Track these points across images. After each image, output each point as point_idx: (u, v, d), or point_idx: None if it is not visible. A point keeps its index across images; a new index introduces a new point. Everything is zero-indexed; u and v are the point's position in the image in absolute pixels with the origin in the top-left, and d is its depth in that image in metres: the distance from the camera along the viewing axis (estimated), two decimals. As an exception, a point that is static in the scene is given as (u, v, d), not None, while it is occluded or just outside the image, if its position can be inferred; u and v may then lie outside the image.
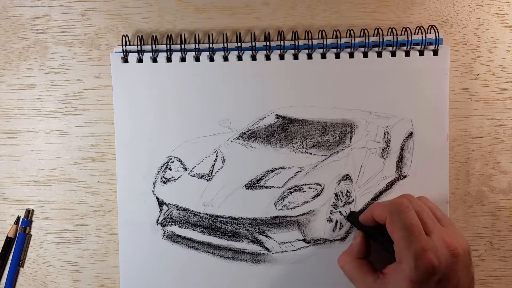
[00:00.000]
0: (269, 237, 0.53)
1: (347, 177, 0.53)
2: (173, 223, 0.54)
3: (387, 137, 0.54)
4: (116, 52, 0.54)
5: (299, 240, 0.53)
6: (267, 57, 0.53)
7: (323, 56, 0.53)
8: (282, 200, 0.53)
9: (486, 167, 0.55)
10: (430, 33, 0.53)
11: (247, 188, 0.53)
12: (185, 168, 0.54)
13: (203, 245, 0.54)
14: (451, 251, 0.42)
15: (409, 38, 0.53)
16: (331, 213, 0.53)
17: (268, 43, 0.53)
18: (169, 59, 0.54)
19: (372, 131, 0.54)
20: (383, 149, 0.54)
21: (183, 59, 0.54)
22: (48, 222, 0.55)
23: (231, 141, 0.54)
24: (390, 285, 0.44)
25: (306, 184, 0.53)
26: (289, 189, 0.53)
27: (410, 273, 0.42)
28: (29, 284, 0.56)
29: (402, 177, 0.54)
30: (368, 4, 0.55)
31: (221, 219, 0.53)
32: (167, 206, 0.54)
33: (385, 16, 0.55)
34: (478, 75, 0.55)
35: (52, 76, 0.55)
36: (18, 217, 0.55)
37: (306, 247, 0.53)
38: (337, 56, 0.53)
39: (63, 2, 0.55)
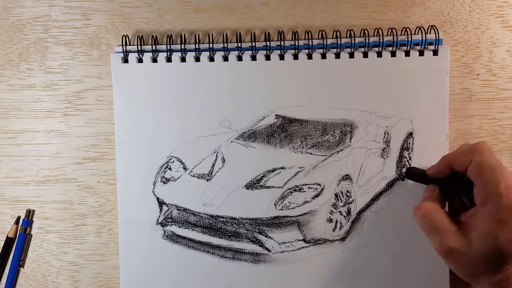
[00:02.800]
0: (269, 237, 0.53)
1: (347, 177, 0.53)
2: (173, 223, 0.54)
3: (387, 137, 0.54)
4: (116, 52, 0.54)
5: (299, 240, 0.53)
6: (267, 57, 0.53)
7: (323, 56, 0.53)
8: (282, 200, 0.53)
9: (486, 167, 0.55)
10: (430, 33, 0.53)
11: (247, 188, 0.53)
12: (185, 168, 0.54)
13: (203, 245, 0.54)
14: None
15: (409, 38, 0.53)
16: (331, 213, 0.53)
17: (268, 43, 0.53)
18: (169, 59, 0.54)
19: (372, 131, 0.54)
20: (383, 149, 0.54)
21: (183, 59, 0.54)
22: (48, 222, 0.55)
23: (231, 141, 0.54)
24: (473, 230, 0.42)
25: (306, 184, 0.53)
26: (289, 189, 0.53)
27: (497, 213, 0.41)
28: (29, 284, 0.56)
29: (402, 177, 0.54)
30: (368, 4, 0.55)
31: (221, 219, 0.53)
32: (167, 206, 0.54)
33: (385, 16, 0.55)
34: (478, 75, 0.55)
35: (52, 76, 0.55)
36: (18, 217, 0.55)
37: (306, 247, 0.53)
38: (337, 56, 0.53)
39: (63, 2, 0.55)
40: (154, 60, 0.54)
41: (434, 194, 0.48)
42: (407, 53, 0.53)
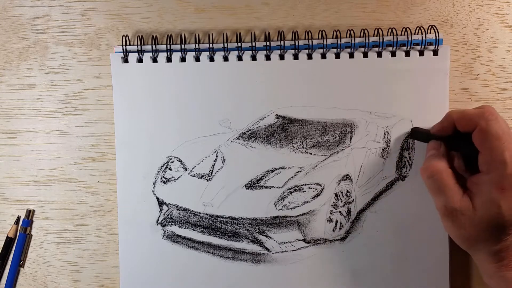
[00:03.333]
0: (269, 237, 0.53)
1: (347, 177, 0.53)
2: (173, 223, 0.54)
3: (387, 137, 0.54)
4: (116, 52, 0.54)
5: (299, 240, 0.53)
6: (267, 57, 0.53)
7: (323, 56, 0.53)
8: (282, 200, 0.53)
9: (486, 167, 0.55)
10: (430, 33, 0.53)
11: (247, 188, 0.53)
12: (185, 168, 0.54)
13: (203, 245, 0.54)
14: None
15: (409, 38, 0.53)
16: (331, 213, 0.53)
17: (268, 43, 0.53)
18: (169, 59, 0.54)
19: (372, 131, 0.54)
20: (383, 149, 0.54)
21: (183, 59, 0.54)
22: (48, 222, 0.55)
23: (231, 141, 0.54)
24: (477, 196, 0.42)
25: (306, 184, 0.53)
26: (289, 189, 0.53)
27: (501, 181, 0.41)
28: (29, 284, 0.56)
29: (402, 177, 0.54)
30: (368, 4, 0.55)
31: (221, 219, 0.53)
32: (167, 206, 0.54)
33: (385, 16, 0.55)
34: (478, 75, 0.55)
35: (52, 76, 0.55)
36: (18, 217, 0.55)
37: (306, 247, 0.53)
38: (337, 56, 0.53)
39: (63, 2, 0.55)
40: (154, 60, 0.54)
41: (440, 152, 0.47)
42: (407, 53, 0.53)
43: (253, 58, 0.53)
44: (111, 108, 0.54)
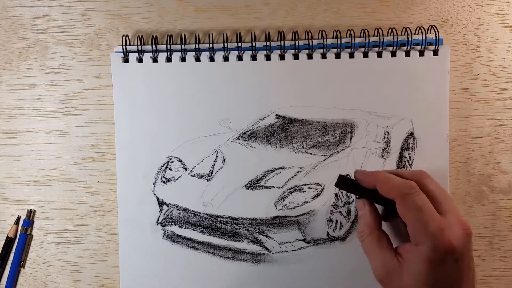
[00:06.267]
0: (269, 237, 0.53)
1: (347, 177, 0.53)
2: (173, 223, 0.54)
3: (387, 137, 0.54)
4: (116, 52, 0.54)
5: (299, 240, 0.53)
6: (267, 57, 0.53)
7: (323, 56, 0.53)
8: (282, 200, 0.53)
9: (486, 167, 0.55)
10: (430, 33, 0.53)
11: (247, 188, 0.53)
12: (185, 168, 0.54)
13: (203, 245, 0.54)
14: (465, 230, 0.41)
15: (409, 38, 0.53)
16: (331, 213, 0.53)
17: (268, 43, 0.53)
18: (169, 59, 0.54)
19: (372, 131, 0.54)
20: (383, 149, 0.54)
21: (183, 59, 0.54)
22: (48, 222, 0.55)
23: (231, 141, 0.54)
24: (406, 265, 0.42)
25: (306, 184, 0.53)
26: (289, 189, 0.53)
27: (428, 254, 0.40)
28: (29, 284, 0.56)
29: (402, 177, 0.54)
30: (368, 4, 0.55)
31: (221, 219, 0.53)
32: (167, 206, 0.54)
33: (385, 16, 0.55)
34: (478, 75, 0.55)
35: (52, 76, 0.55)
36: (18, 217, 0.55)
37: (306, 247, 0.53)
38: (337, 56, 0.53)
39: (63, 2, 0.55)
40: (154, 60, 0.54)
41: (366, 212, 0.46)
42: (407, 53, 0.53)
43: (253, 58, 0.53)
44: (111, 108, 0.54)
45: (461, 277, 0.41)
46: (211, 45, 0.53)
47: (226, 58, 0.53)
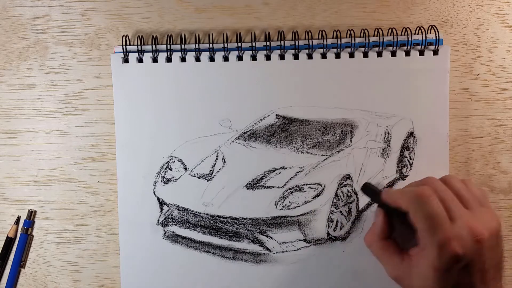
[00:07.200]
0: (270, 237, 0.53)
1: (347, 177, 0.53)
2: (173, 223, 0.54)
3: (388, 137, 0.54)
4: (116, 52, 0.54)
5: (299, 240, 0.53)
6: (268, 57, 0.53)
7: (323, 56, 0.53)
8: (282, 200, 0.53)
9: (486, 167, 0.55)
10: (430, 33, 0.53)
11: (247, 188, 0.53)
12: (185, 168, 0.54)
13: (203, 245, 0.54)
14: (475, 237, 0.42)
15: (409, 38, 0.53)
16: (331, 213, 0.53)
17: (268, 43, 0.53)
18: (169, 59, 0.54)
19: (373, 131, 0.54)
20: (383, 149, 0.54)
21: (183, 59, 0.54)
22: (48, 222, 0.55)
23: (232, 141, 0.54)
24: (415, 268, 0.43)
25: (306, 184, 0.53)
26: (289, 189, 0.53)
27: (434, 261, 0.41)
28: (29, 284, 0.55)
29: (402, 177, 0.54)
30: (368, 4, 0.55)
31: (221, 219, 0.53)
32: (167, 206, 0.54)
33: (385, 16, 0.55)
34: (478, 75, 0.55)
35: (52, 76, 0.55)
36: (18, 217, 0.55)
37: (306, 247, 0.53)
38: (337, 56, 0.53)
39: (63, 2, 0.55)
40: (154, 60, 0.54)
41: (378, 222, 0.48)
42: (407, 53, 0.53)
43: (253, 58, 0.53)
44: (111, 108, 0.54)
45: (473, 280, 0.42)
46: (211, 45, 0.53)
47: (226, 58, 0.53)
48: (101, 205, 0.55)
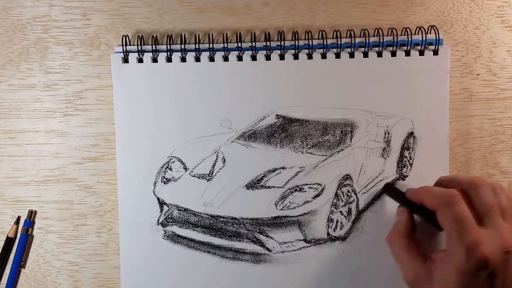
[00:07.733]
0: (270, 237, 0.53)
1: (347, 177, 0.53)
2: (173, 223, 0.54)
3: (388, 137, 0.54)
4: (116, 52, 0.54)
5: (299, 240, 0.53)
6: (268, 57, 0.53)
7: (323, 56, 0.53)
8: (282, 200, 0.53)
9: (486, 167, 0.55)
10: (430, 33, 0.53)
11: (247, 188, 0.53)
12: (185, 168, 0.54)
13: (203, 245, 0.54)
14: (504, 248, 0.40)
15: (409, 38, 0.53)
16: (331, 213, 0.53)
17: (268, 43, 0.53)
18: (169, 59, 0.54)
19: (373, 131, 0.54)
20: (383, 149, 0.54)
21: (183, 59, 0.54)
22: (48, 222, 0.55)
23: (232, 141, 0.54)
24: (437, 272, 0.43)
25: (306, 184, 0.53)
26: (289, 189, 0.53)
27: (460, 264, 0.40)
28: (29, 284, 0.55)
29: (402, 177, 0.54)
30: (368, 4, 0.55)
31: (221, 219, 0.53)
32: (167, 206, 0.54)
33: (385, 16, 0.55)
34: (478, 75, 0.55)
35: (52, 76, 0.55)
36: (19, 217, 0.55)
37: (307, 247, 0.53)
38: (337, 56, 0.53)
39: (63, 2, 0.55)
40: (154, 60, 0.54)
41: (401, 220, 0.48)
42: (407, 53, 0.53)
43: (253, 58, 0.53)
44: (111, 108, 0.54)
45: None
46: (211, 45, 0.53)
47: (226, 58, 0.53)
48: (101, 205, 0.55)
